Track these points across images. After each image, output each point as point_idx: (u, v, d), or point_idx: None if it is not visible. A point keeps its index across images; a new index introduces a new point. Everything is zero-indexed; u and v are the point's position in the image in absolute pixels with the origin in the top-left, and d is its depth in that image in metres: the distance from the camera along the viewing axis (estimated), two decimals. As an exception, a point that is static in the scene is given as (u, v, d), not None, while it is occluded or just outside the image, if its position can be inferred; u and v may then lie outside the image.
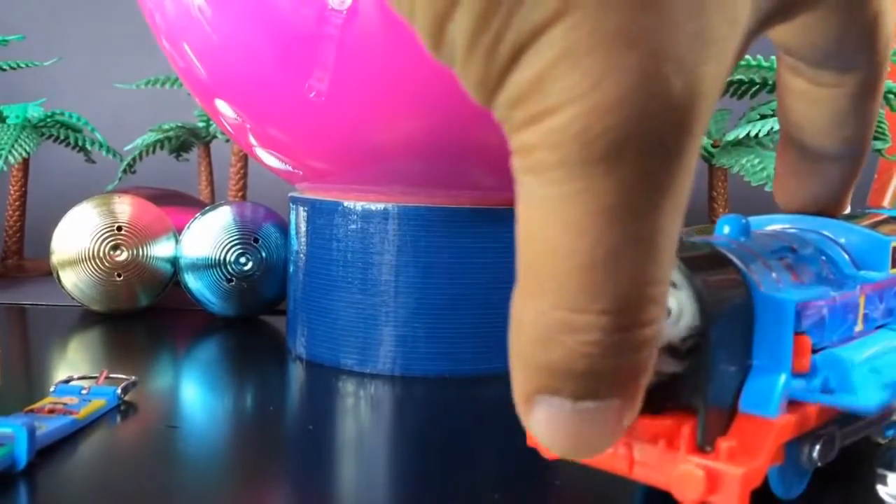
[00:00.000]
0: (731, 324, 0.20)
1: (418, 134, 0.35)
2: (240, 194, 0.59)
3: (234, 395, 0.35)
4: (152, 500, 0.23)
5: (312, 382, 0.37)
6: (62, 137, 0.62)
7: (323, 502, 0.24)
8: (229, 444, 0.29)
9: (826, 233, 0.25)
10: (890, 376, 0.21)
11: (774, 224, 0.26)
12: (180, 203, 0.55)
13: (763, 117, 0.41)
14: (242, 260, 0.44)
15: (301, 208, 0.39)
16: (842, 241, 0.25)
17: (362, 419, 0.32)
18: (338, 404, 0.34)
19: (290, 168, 0.39)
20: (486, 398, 0.35)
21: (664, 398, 0.19)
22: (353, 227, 0.37)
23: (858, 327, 0.24)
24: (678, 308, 0.19)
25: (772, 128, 0.38)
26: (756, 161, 0.37)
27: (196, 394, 0.35)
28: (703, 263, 0.20)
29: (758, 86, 0.46)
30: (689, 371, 0.19)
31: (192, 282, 0.45)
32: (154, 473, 0.25)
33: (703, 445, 0.19)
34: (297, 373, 0.38)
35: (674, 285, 0.19)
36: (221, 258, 0.44)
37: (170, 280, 0.47)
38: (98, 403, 0.29)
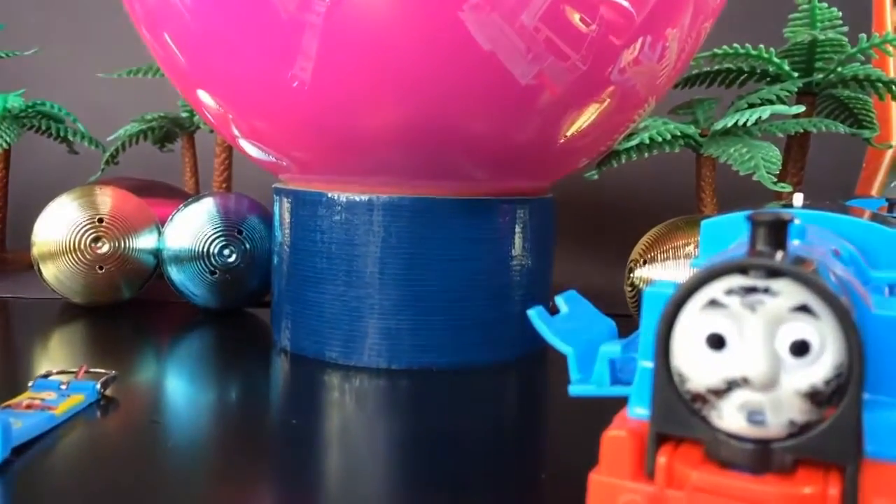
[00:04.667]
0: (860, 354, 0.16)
1: (402, 124, 0.34)
2: (224, 185, 0.59)
3: (217, 389, 0.34)
4: (131, 498, 0.22)
5: (297, 375, 0.36)
6: (44, 128, 0.61)
7: (307, 495, 0.24)
8: (212, 438, 0.28)
9: (837, 229, 0.25)
10: None
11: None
12: (164, 194, 0.54)
13: (751, 106, 0.41)
14: (226, 252, 0.44)
15: (285, 199, 0.39)
16: (849, 237, 0.24)
17: (347, 412, 0.32)
18: (322, 397, 0.34)
19: (273, 159, 0.38)
20: (470, 390, 0.34)
21: (801, 455, 0.16)
22: (338, 218, 0.37)
23: None
24: (819, 342, 0.16)
25: (759, 116, 0.37)
26: (744, 150, 0.37)
27: (178, 388, 0.34)
28: (826, 282, 0.16)
29: (746, 74, 0.46)
30: (835, 419, 0.16)
31: (175, 274, 0.45)
32: (133, 469, 0.24)
33: None
34: (281, 365, 0.38)
35: (807, 311, 0.16)
36: (204, 250, 0.44)
37: (152, 272, 0.46)
38: (76, 399, 0.28)
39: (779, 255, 0.17)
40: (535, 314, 0.23)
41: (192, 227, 0.44)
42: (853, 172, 0.54)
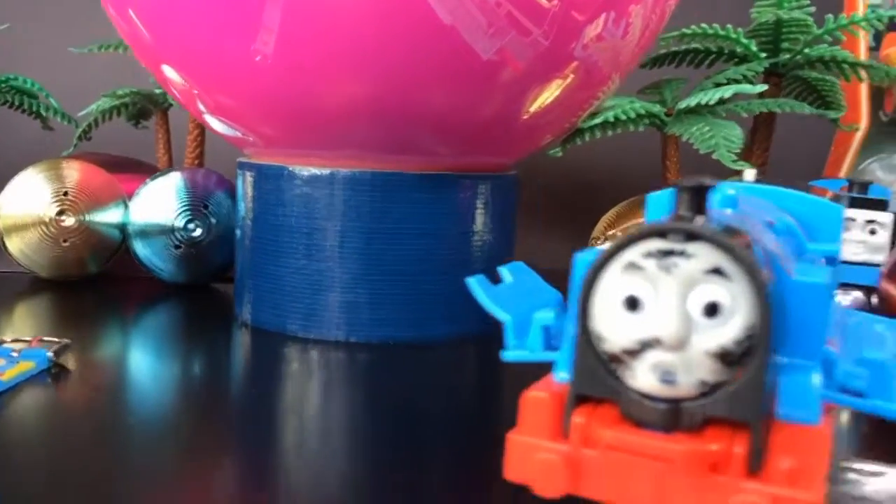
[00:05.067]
0: (776, 317, 0.16)
1: (363, 98, 0.34)
2: (197, 162, 0.58)
3: (175, 362, 0.34)
4: (72, 463, 0.23)
5: (257, 348, 0.37)
6: (17, 103, 0.60)
7: (265, 466, 0.24)
8: (165, 408, 0.28)
9: (770, 202, 0.25)
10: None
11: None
12: (135, 170, 0.54)
13: (717, 86, 0.41)
14: (191, 226, 0.44)
15: (248, 173, 0.39)
16: (790, 210, 0.24)
17: (307, 385, 0.32)
18: (282, 370, 0.34)
19: (238, 134, 0.38)
20: (429, 363, 0.35)
21: (710, 414, 0.16)
22: (299, 191, 0.37)
23: None
24: (731, 303, 0.16)
25: (722, 96, 0.38)
26: (706, 129, 0.37)
27: (135, 359, 0.35)
28: (744, 246, 0.16)
29: (714, 55, 0.46)
30: (743, 379, 0.16)
31: (141, 248, 0.45)
32: (78, 435, 0.25)
33: (756, 467, 0.16)
34: (242, 339, 0.38)
35: (720, 273, 0.16)
36: (170, 224, 0.44)
37: (119, 246, 0.46)
38: (26, 365, 0.28)
39: (698, 219, 0.17)
40: (473, 282, 0.23)
41: (157, 202, 0.44)
42: (824, 155, 0.54)
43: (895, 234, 0.37)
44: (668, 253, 0.16)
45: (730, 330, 0.16)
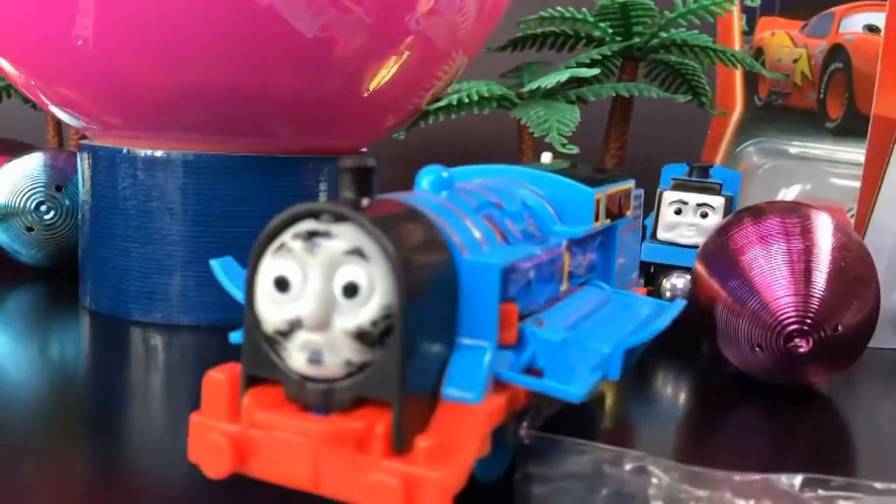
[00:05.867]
0: (433, 298, 0.17)
1: (190, 81, 0.34)
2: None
3: (9, 347, 0.34)
4: None
5: (94, 333, 0.36)
6: None
7: (98, 451, 0.24)
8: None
9: (530, 185, 0.25)
10: (596, 354, 0.20)
11: (481, 176, 0.25)
12: (10, 151, 0.53)
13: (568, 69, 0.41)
14: (42, 208, 0.43)
15: (86, 156, 0.38)
16: (545, 193, 0.25)
17: (142, 369, 0.32)
18: (118, 354, 0.34)
19: (76, 120, 0.38)
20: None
21: (356, 394, 0.16)
22: (132, 174, 0.36)
23: (564, 286, 0.23)
24: (368, 283, 0.16)
25: (559, 80, 0.38)
26: (542, 112, 0.37)
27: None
28: (398, 227, 0.16)
29: (573, 38, 0.46)
30: (383, 359, 0.16)
31: (-1, 231, 0.44)
32: None
33: (401, 447, 0.16)
34: (82, 324, 0.37)
35: (360, 254, 0.16)
36: (21, 206, 0.43)
37: (-19, 230, 0.45)
38: None
39: (344, 199, 0.17)
40: (216, 264, 0.23)
41: (10, 183, 0.44)
42: (699, 139, 0.55)
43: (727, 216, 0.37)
44: (313, 234, 0.16)
45: (367, 310, 0.16)
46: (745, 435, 0.27)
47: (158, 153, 0.36)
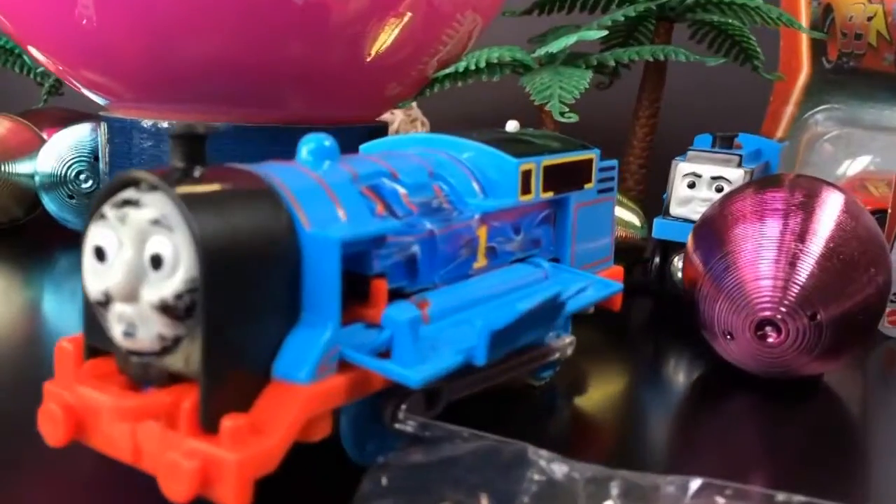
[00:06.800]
0: (259, 272, 0.16)
1: (198, 54, 0.34)
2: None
3: (61, 306, 0.36)
4: None
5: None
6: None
7: None
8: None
9: (458, 155, 0.23)
10: (467, 338, 0.18)
11: (411, 146, 0.24)
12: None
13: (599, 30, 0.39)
14: (81, 177, 0.45)
15: (104, 126, 0.40)
16: (470, 164, 0.23)
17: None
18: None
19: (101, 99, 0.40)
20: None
21: (166, 369, 0.16)
22: (146, 144, 0.37)
23: (479, 263, 0.22)
24: (173, 255, 0.15)
25: (566, 44, 0.35)
26: (546, 79, 0.35)
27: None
28: (213, 197, 0.16)
29: (604, -1, 0.43)
30: (189, 335, 0.15)
31: (47, 200, 0.47)
32: None
33: (208, 425, 0.15)
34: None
35: (166, 225, 0.15)
36: (63, 175, 0.46)
37: (37, 196, 0.48)
38: None
39: (172, 168, 0.16)
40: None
41: (56, 154, 0.46)
42: (760, 107, 0.50)
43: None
44: (126, 202, 0.16)
45: (171, 283, 0.15)
46: (689, 438, 0.25)
47: (165, 124, 0.37)
